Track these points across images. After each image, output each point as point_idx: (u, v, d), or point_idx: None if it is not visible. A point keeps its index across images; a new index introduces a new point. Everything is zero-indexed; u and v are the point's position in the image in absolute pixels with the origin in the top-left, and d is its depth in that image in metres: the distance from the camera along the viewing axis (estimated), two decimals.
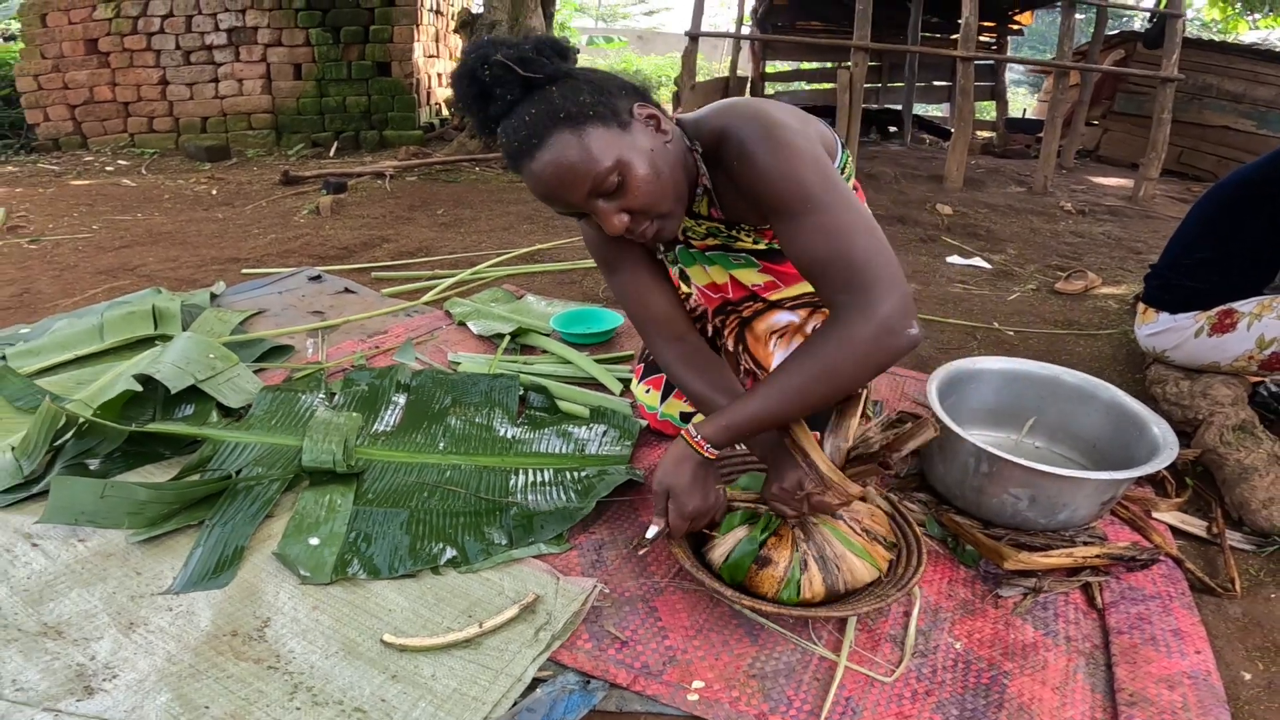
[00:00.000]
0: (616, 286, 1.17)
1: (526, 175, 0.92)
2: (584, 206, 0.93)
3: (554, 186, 0.90)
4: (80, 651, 0.96)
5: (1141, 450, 1.24)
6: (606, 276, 1.18)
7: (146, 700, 0.89)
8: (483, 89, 0.91)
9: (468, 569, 1.10)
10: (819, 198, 0.89)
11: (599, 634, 1.00)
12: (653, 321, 1.16)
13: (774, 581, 0.97)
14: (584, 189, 0.90)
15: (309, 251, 2.91)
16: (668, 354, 1.15)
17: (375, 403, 1.57)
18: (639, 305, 1.16)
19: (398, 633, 1.00)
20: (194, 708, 0.88)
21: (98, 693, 0.90)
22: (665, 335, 1.16)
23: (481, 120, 0.94)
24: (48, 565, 1.10)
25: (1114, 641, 1.02)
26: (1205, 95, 6.08)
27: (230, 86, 5.52)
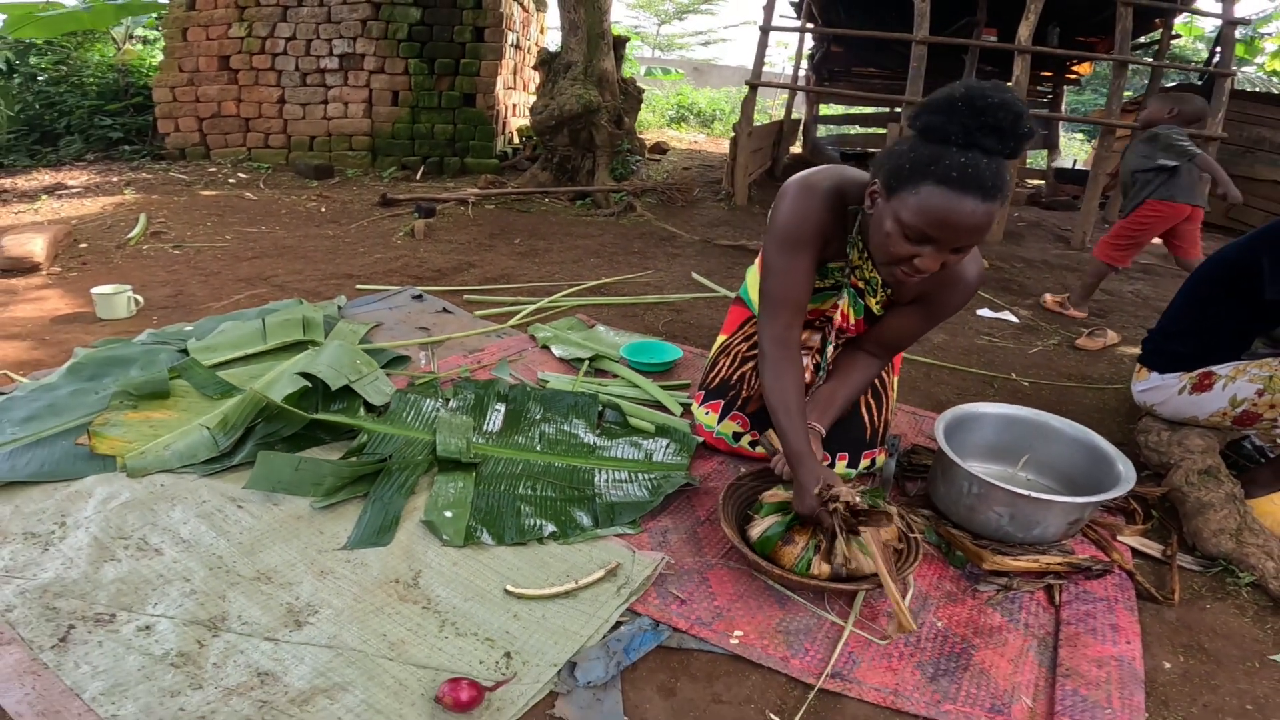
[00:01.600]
0: (785, 263, 1.38)
1: (946, 200, 1.12)
2: (933, 248, 1.19)
3: (956, 227, 1.13)
4: (287, 593, 1.27)
5: (1108, 483, 1.53)
6: (784, 252, 1.38)
7: (343, 630, 1.18)
8: (1014, 125, 1.10)
9: (564, 541, 1.45)
10: (947, 319, 1.55)
11: (664, 594, 1.34)
12: (791, 304, 1.41)
13: (792, 556, 1.30)
14: (966, 242, 1.17)
15: (408, 272, 3.33)
16: (780, 334, 1.40)
17: (481, 409, 1.94)
18: (792, 287, 1.39)
19: (516, 585, 1.34)
20: (376, 634, 1.19)
21: (305, 625, 1.19)
22: (788, 321, 1.41)
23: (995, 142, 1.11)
24: (254, 524, 1.44)
25: (1063, 630, 1.31)
26: (1258, 149, 6.12)
27: (337, 109, 6.06)
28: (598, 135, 5.51)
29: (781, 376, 1.41)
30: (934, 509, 1.61)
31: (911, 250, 1.22)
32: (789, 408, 1.39)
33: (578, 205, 5.16)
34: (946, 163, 1.11)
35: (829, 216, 1.40)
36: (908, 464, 1.79)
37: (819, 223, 1.39)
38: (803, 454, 1.35)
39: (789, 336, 1.43)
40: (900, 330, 1.58)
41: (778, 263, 1.40)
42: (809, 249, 1.40)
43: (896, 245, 1.23)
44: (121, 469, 1.59)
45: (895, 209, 1.20)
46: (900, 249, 1.23)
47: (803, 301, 1.44)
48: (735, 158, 5.31)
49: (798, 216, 1.38)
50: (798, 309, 1.44)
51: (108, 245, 3.54)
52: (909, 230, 1.19)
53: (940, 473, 1.57)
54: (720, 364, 1.80)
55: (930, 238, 1.18)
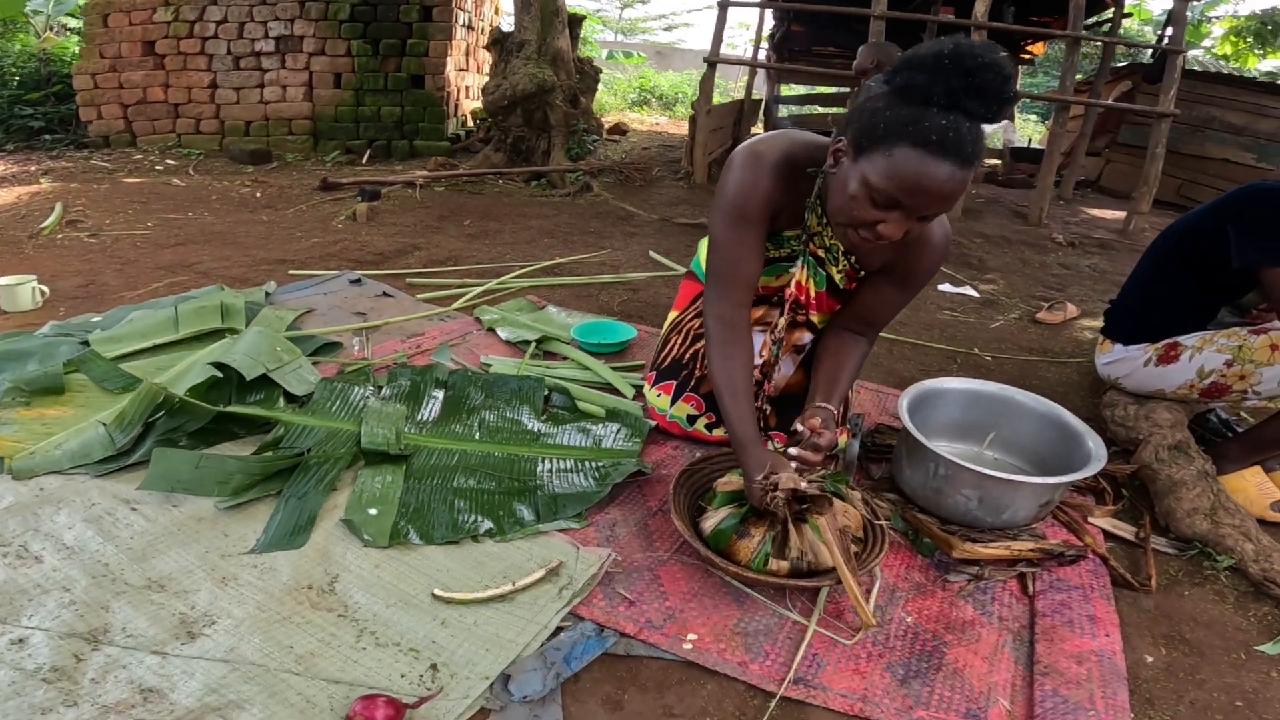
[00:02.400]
0: (732, 237, 1.29)
1: (921, 165, 1.04)
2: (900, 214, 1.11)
3: (928, 193, 1.06)
4: (181, 602, 1.14)
5: (1078, 461, 1.44)
6: (730, 226, 1.28)
7: (242, 642, 1.07)
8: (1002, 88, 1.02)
9: (502, 539, 1.32)
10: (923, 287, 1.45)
11: (611, 595, 1.21)
12: (739, 281, 1.32)
13: (748, 551, 1.19)
14: (936, 210, 1.10)
15: (348, 256, 3.14)
16: (727, 313, 1.31)
17: (418, 396, 1.79)
18: (739, 262, 1.31)
19: (446, 588, 1.21)
20: (281, 647, 1.07)
21: (200, 637, 1.07)
22: (736, 299, 1.32)
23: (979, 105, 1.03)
24: (148, 527, 1.30)
25: (1038, 623, 1.22)
26: (1208, 127, 6.22)
27: (275, 92, 5.79)
28: (552, 115, 5.33)
29: (729, 358, 1.31)
30: (900, 493, 1.52)
31: (876, 215, 1.13)
32: (736, 390, 1.28)
33: (532, 186, 4.98)
34: (926, 124, 1.03)
35: (778, 186, 1.30)
36: (871, 445, 1.70)
37: (767, 194, 1.29)
38: (747, 441, 1.25)
39: (737, 316, 1.34)
40: (877, 303, 1.48)
41: (724, 238, 1.31)
42: (757, 222, 1.31)
43: (861, 209, 1.14)
44: (7, 471, 1.42)
45: (864, 170, 1.11)
46: (864, 213, 1.14)
47: (752, 278, 1.35)
48: (694, 136, 5.19)
49: (744, 188, 1.28)
50: (746, 286, 1.35)
51: (19, 235, 3.27)
52: (876, 194, 1.10)
53: (905, 454, 1.48)
54: (672, 342, 1.68)
55: (899, 203, 1.10)
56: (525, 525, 1.35)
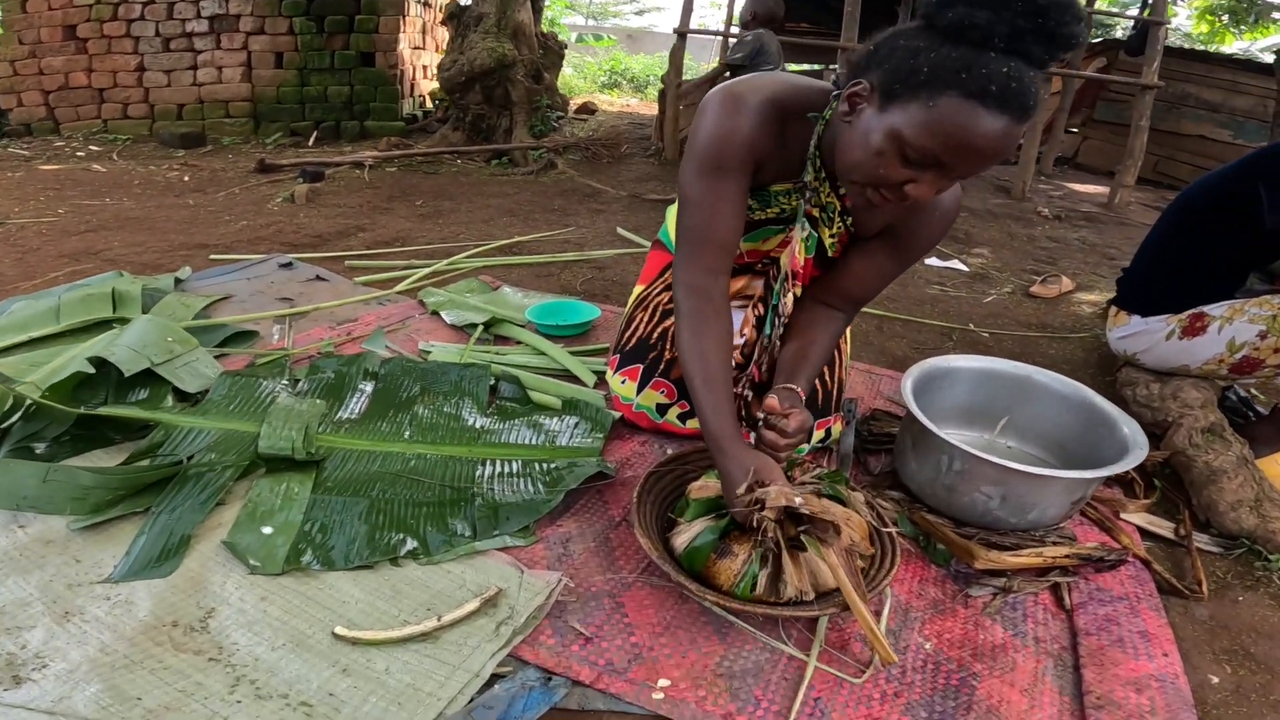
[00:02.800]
0: (706, 191, 1.07)
1: (973, 119, 0.85)
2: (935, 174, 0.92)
3: (977, 153, 0.88)
4: (11, 640, 0.91)
5: (1110, 450, 1.24)
6: (704, 177, 1.07)
7: (75, 690, 0.85)
8: (1073, 32, 0.85)
9: (428, 561, 1.07)
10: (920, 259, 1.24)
11: (563, 630, 0.97)
12: (714, 243, 1.09)
13: (730, 574, 0.95)
14: (979, 170, 0.93)
15: (281, 239, 2.84)
16: (700, 282, 1.09)
17: (341, 390, 1.53)
18: (713, 220, 1.08)
19: (351, 625, 0.96)
20: (125, 699, 0.84)
21: (25, 682, 0.86)
22: (710, 264, 1.10)
23: (1044, 50, 0.86)
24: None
25: (1082, 643, 1.01)
26: (1184, 104, 6.15)
27: (209, 74, 5.40)
28: (514, 91, 5.03)
29: (701, 334, 1.08)
30: (904, 490, 1.30)
31: (906, 174, 0.93)
32: (711, 376, 1.05)
33: (493, 165, 4.69)
34: (984, 71, 0.84)
35: (763, 133, 1.07)
36: (868, 434, 1.48)
37: (749, 141, 1.07)
38: (725, 438, 1.02)
39: (712, 285, 1.11)
40: (865, 273, 1.25)
41: (697, 191, 1.09)
42: (736, 173, 1.08)
43: (888, 167, 0.93)
44: None
45: (894, 122, 0.91)
46: (891, 172, 0.93)
47: (729, 240, 1.12)
48: (665, 110, 4.92)
49: (721, 132, 1.06)
50: (723, 249, 1.11)
51: None
52: (911, 149, 0.90)
53: (911, 444, 1.26)
54: (637, 320, 1.44)
55: (938, 161, 0.91)
56: (458, 543, 1.10)
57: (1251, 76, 5.98)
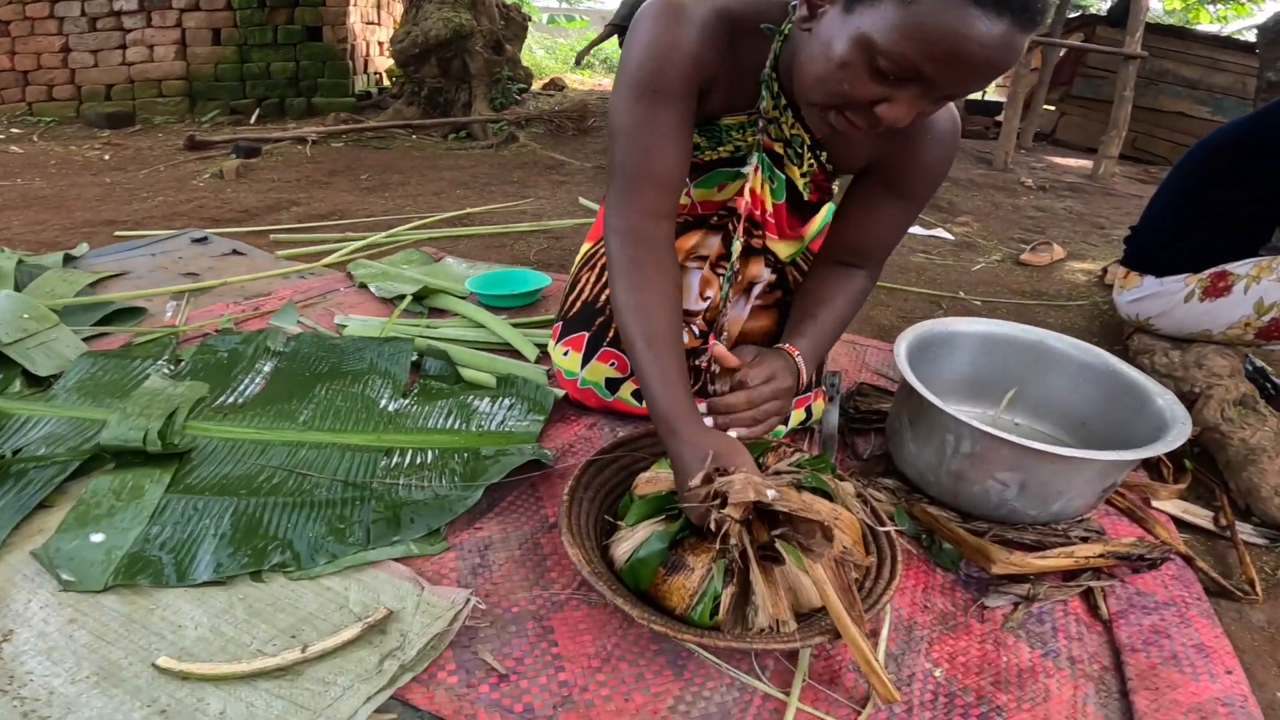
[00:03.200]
0: (644, 119, 0.87)
1: (962, 20, 0.65)
2: (916, 90, 0.72)
3: (968, 64, 0.68)
4: None
5: (1142, 427, 1.04)
6: (639, 102, 0.87)
7: None
8: None
9: (302, 575, 0.84)
10: (929, 200, 1.00)
11: (470, 664, 0.75)
12: (655, 180, 0.89)
13: (685, 593, 0.72)
14: (972, 88, 0.73)
15: (202, 215, 2.57)
16: (638, 226, 0.89)
17: (232, 371, 1.28)
18: (653, 152, 0.88)
19: (184, 655, 0.74)
20: None
21: None
22: (650, 205, 0.90)
23: None
24: None
25: (1128, 662, 0.81)
26: (1162, 80, 6.06)
27: (139, 53, 5.07)
28: (472, 63, 4.75)
29: (642, 288, 0.86)
30: (900, 478, 1.09)
31: (878, 91, 0.73)
32: (656, 337, 0.84)
33: (451, 139, 4.42)
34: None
35: (709, 49, 0.86)
36: (854, 411, 1.26)
37: (692, 58, 0.86)
38: (677, 414, 0.80)
39: (654, 230, 0.90)
40: (871, 222, 1.03)
41: (630, 121, 0.88)
42: (678, 98, 0.87)
43: (856, 82, 0.73)
44: None
45: (863, 25, 0.71)
46: (860, 88, 0.73)
47: (672, 176, 0.90)
48: None
49: (658, 49, 0.85)
50: (664, 188, 0.90)
51: None
52: (884, 59, 0.70)
53: (908, 422, 1.04)
54: (583, 281, 1.21)
55: (919, 74, 0.71)
56: (344, 553, 0.87)
57: (1230, 54, 5.91)
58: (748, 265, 1.14)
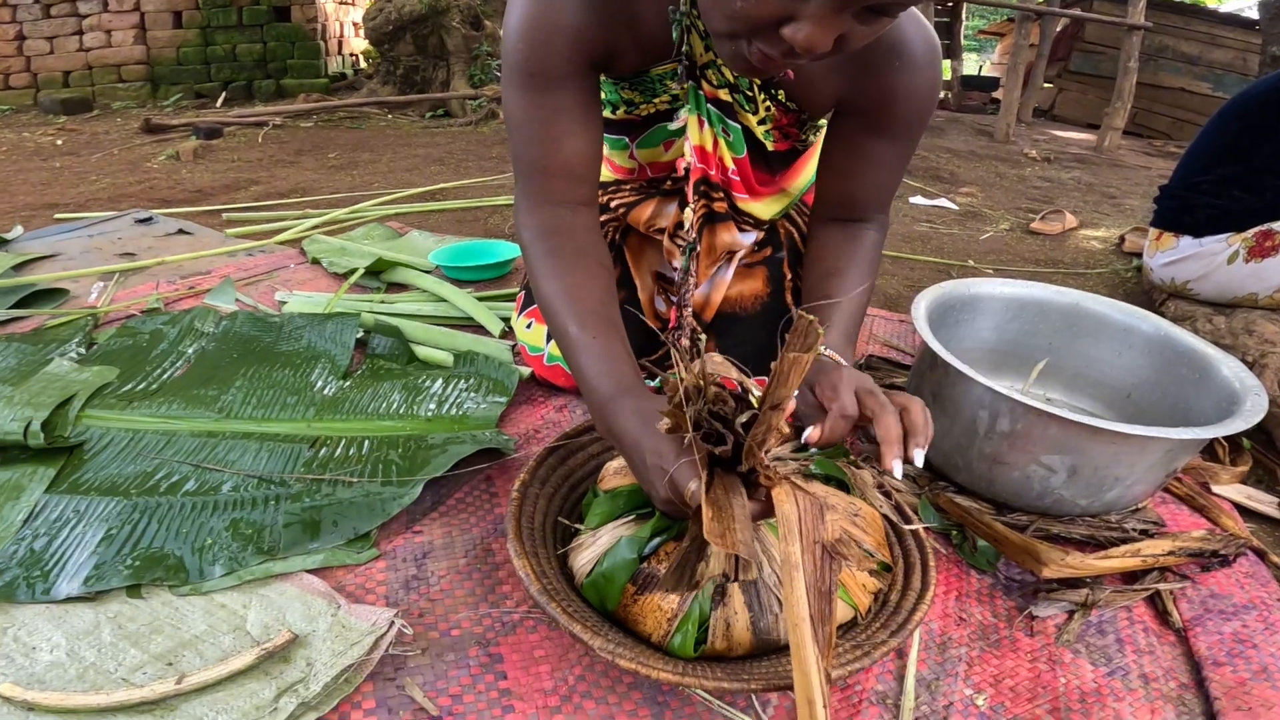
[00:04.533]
0: (532, 108, 0.75)
1: None
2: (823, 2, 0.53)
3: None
4: None
5: (1204, 400, 0.88)
6: (524, 91, 0.74)
7: None
8: None
9: (191, 590, 0.68)
10: (919, 135, 0.85)
11: (394, 702, 0.59)
12: (554, 170, 0.76)
13: (660, 617, 0.56)
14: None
15: (152, 196, 2.39)
16: (549, 223, 0.76)
17: (150, 354, 1.12)
18: (549, 143, 0.75)
19: (33, 682, 0.58)
20: None
21: None
22: (560, 196, 0.77)
23: None
24: None
25: (1210, 678, 0.65)
26: (1161, 56, 5.94)
27: (97, 38, 4.87)
28: (449, 40, 4.56)
29: (562, 274, 0.73)
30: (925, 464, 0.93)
31: (777, 7, 0.55)
32: (586, 316, 0.70)
33: (428, 118, 4.24)
34: None
35: (592, 15, 0.73)
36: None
37: (574, 33, 0.72)
38: (624, 391, 0.64)
39: (570, 220, 0.77)
40: (863, 170, 0.85)
41: (519, 111, 0.76)
42: (570, 79, 0.75)
43: (753, 6, 0.55)
44: None
45: None
46: (756, 5, 0.55)
47: (579, 162, 0.77)
48: None
49: (533, 30, 0.72)
50: (571, 175, 0.77)
51: None
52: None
53: (931, 398, 0.88)
54: None
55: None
56: (246, 562, 0.71)
57: (1230, 30, 5.79)
58: (716, 233, 0.97)
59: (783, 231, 1.04)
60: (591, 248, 0.77)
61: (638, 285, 1.02)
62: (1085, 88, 6.09)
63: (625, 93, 0.87)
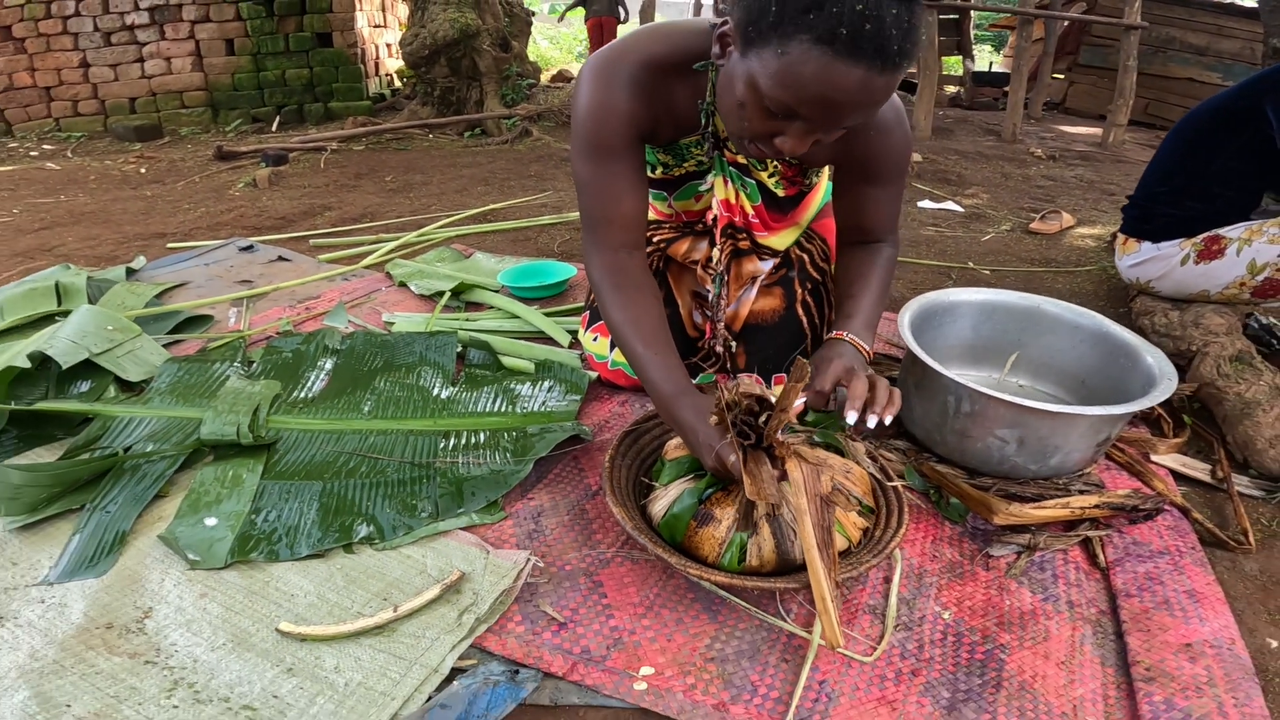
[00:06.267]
0: (598, 174, 1.01)
1: (826, 69, 0.72)
2: (802, 126, 0.80)
3: (837, 107, 0.75)
4: None
5: (1135, 383, 1.12)
6: (590, 161, 1.00)
7: (2, 699, 0.77)
8: None
9: (385, 546, 0.96)
10: (905, 175, 1.11)
11: (533, 615, 0.87)
12: (619, 221, 1.02)
13: (714, 543, 0.84)
14: (849, 123, 0.79)
15: (243, 223, 2.71)
16: (614, 262, 1.02)
17: (298, 369, 1.41)
18: (611, 201, 1.01)
19: (299, 620, 0.86)
20: (53, 705, 0.76)
21: None
22: (620, 241, 1.03)
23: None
24: None
25: (1122, 606, 0.90)
26: (1169, 48, 6.01)
27: (158, 65, 5.23)
28: (481, 61, 4.85)
29: (627, 305, 1.00)
30: (910, 439, 1.18)
31: (771, 126, 0.82)
32: (647, 338, 0.97)
33: (466, 137, 4.53)
34: (834, 10, 0.70)
35: (640, 103, 0.98)
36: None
37: (627, 115, 0.98)
38: (678, 394, 0.91)
39: (626, 261, 1.04)
40: (862, 207, 1.13)
41: (588, 176, 1.02)
42: (623, 151, 1.00)
43: (752, 119, 0.82)
44: None
45: (751, 70, 0.79)
46: (756, 123, 0.82)
47: (635, 215, 1.04)
48: None
49: (597, 112, 0.98)
50: (627, 226, 1.04)
51: None
52: (769, 102, 0.79)
53: (914, 387, 1.14)
54: None
55: (798, 114, 0.79)
56: (418, 524, 0.99)
57: (1234, 20, 5.84)
58: (742, 264, 1.25)
59: (793, 255, 1.29)
60: (645, 283, 1.03)
61: (679, 303, 1.28)
62: (1097, 80, 6.18)
63: (661, 156, 1.14)
